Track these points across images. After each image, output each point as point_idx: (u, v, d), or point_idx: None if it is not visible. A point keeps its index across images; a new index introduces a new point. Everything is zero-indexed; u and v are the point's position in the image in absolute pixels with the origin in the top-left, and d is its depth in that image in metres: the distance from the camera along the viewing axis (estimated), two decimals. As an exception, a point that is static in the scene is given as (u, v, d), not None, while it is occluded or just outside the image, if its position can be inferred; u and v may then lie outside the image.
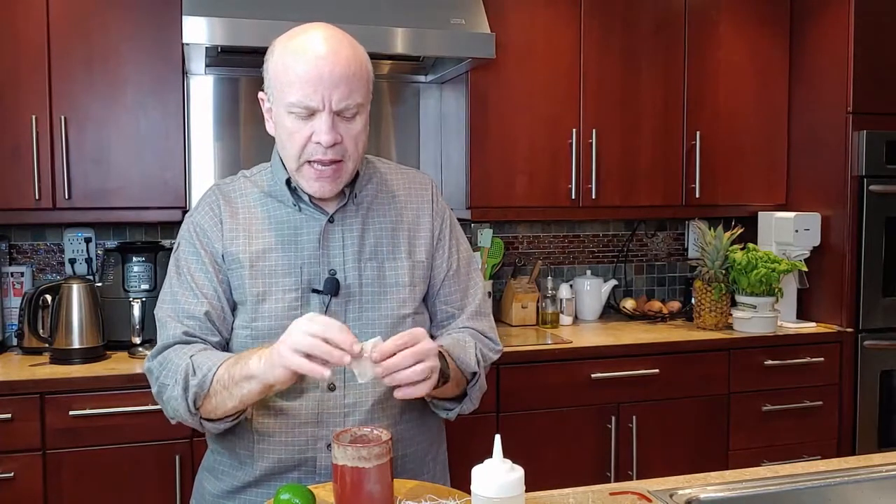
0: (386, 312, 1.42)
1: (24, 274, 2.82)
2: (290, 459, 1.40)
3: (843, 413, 3.05)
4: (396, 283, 1.43)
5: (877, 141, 3.00)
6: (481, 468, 1.07)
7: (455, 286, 1.51)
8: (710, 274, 3.02)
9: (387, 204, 1.47)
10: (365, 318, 1.41)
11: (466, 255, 1.55)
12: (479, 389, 1.46)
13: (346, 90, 1.31)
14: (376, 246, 1.44)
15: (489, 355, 1.50)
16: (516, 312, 3.15)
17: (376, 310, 1.42)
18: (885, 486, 1.48)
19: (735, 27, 3.19)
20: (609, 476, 2.78)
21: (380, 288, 1.42)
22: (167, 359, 1.38)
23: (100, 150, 2.60)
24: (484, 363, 1.47)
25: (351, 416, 1.39)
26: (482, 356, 1.47)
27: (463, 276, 1.52)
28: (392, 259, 1.44)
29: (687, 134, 3.16)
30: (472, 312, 1.51)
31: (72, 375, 2.35)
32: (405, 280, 1.44)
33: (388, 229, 1.45)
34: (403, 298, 1.43)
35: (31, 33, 2.52)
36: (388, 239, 1.45)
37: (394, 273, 1.44)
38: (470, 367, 1.41)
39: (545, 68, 2.98)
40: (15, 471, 2.28)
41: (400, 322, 1.42)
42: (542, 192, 3.01)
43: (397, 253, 1.45)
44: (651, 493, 1.36)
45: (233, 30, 2.43)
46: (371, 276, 1.42)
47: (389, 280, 1.43)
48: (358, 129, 1.35)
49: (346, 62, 1.31)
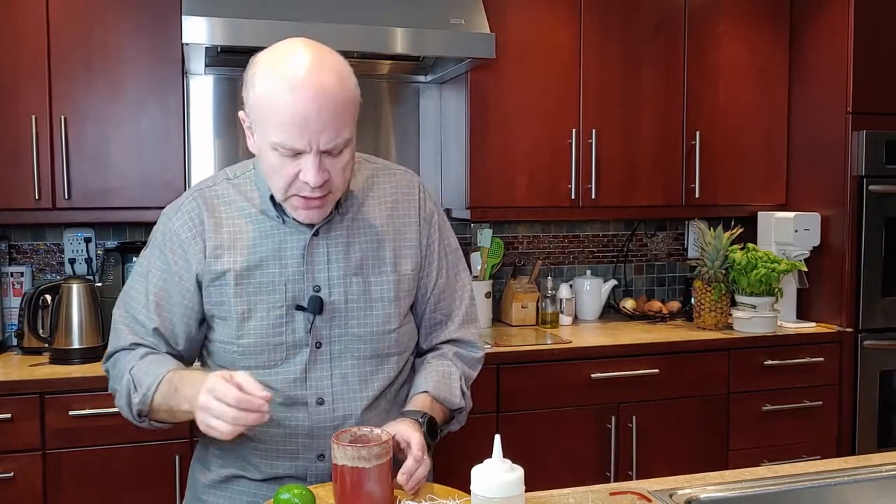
0: (371, 329, 1.39)
1: (23, 274, 2.82)
2: (283, 467, 1.39)
3: (842, 413, 3.05)
4: (382, 299, 1.40)
5: (876, 141, 3.00)
6: (481, 468, 1.07)
7: (446, 293, 1.49)
8: (710, 274, 3.02)
9: (373, 212, 1.42)
10: (350, 335, 1.39)
11: (454, 257, 1.51)
12: (465, 413, 1.51)
13: (334, 131, 1.25)
14: (362, 260, 1.39)
15: (472, 375, 1.51)
16: (516, 312, 3.15)
17: (362, 326, 1.39)
18: (885, 486, 1.48)
19: (735, 27, 3.19)
20: (609, 476, 2.78)
21: (365, 304, 1.39)
22: (115, 365, 1.42)
23: (100, 149, 2.60)
24: (468, 385, 1.49)
25: (342, 428, 1.36)
26: (466, 383, 1.48)
27: (451, 282, 1.49)
28: (378, 273, 1.40)
29: (687, 134, 3.16)
30: (461, 322, 1.50)
31: (71, 375, 2.35)
32: (391, 295, 1.40)
33: (374, 241, 1.41)
34: (389, 314, 1.40)
35: (31, 33, 2.52)
36: (373, 252, 1.40)
37: (379, 288, 1.40)
38: (454, 406, 1.45)
39: (545, 68, 2.98)
40: (15, 471, 2.28)
41: (384, 337, 1.40)
42: (541, 192, 3.01)
43: (383, 266, 1.41)
44: (651, 493, 1.36)
45: (232, 30, 2.43)
46: (356, 292, 1.38)
47: (375, 295, 1.39)
48: (345, 161, 1.30)
49: (333, 102, 1.25)
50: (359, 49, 2.58)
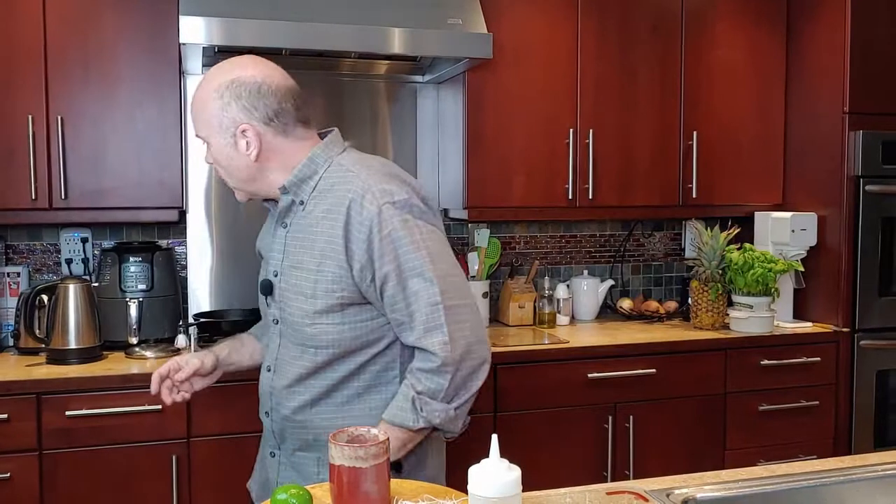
0: (295, 320, 1.54)
1: (20, 274, 2.81)
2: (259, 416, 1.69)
3: (839, 413, 3.05)
4: (304, 293, 1.52)
5: (873, 141, 3.01)
6: (478, 468, 1.07)
7: (397, 296, 1.47)
8: (707, 274, 3.02)
9: (318, 215, 1.52)
10: (285, 323, 1.58)
11: (397, 263, 1.47)
12: (446, 421, 1.48)
13: (196, 125, 1.58)
14: (300, 255, 1.53)
15: (436, 388, 1.46)
16: (513, 312, 3.16)
17: (291, 316, 1.55)
18: (881, 485, 1.48)
19: (732, 27, 3.20)
20: (606, 476, 2.79)
21: (294, 294, 1.54)
22: None
23: (96, 150, 2.59)
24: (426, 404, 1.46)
25: (274, 394, 1.61)
26: (420, 401, 1.46)
27: (398, 290, 1.47)
28: (306, 270, 1.52)
29: (684, 134, 3.16)
30: (423, 331, 1.46)
31: (68, 376, 2.35)
32: (308, 292, 1.51)
33: (311, 240, 1.52)
34: (306, 309, 1.51)
35: (28, 33, 2.51)
36: (308, 250, 1.52)
37: (304, 283, 1.52)
38: (409, 426, 1.46)
39: (542, 68, 2.98)
40: (11, 471, 2.28)
41: (303, 328, 1.53)
42: (539, 193, 3.01)
43: (309, 265, 1.51)
44: (648, 492, 1.36)
45: (230, 30, 2.43)
46: (292, 283, 1.54)
47: (298, 289, 1.53)
48: (215, 155, 1.57)
49: (194, 102, 1.57)
50: (356, 49, 2.58)
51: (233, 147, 1.53)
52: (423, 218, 1.50)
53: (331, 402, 1.54)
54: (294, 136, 1.56)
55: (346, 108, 3.14)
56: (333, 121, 3.11)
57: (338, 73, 3.08)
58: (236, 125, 1.52)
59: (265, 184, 1.58)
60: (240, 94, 1.52)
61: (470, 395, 1.49)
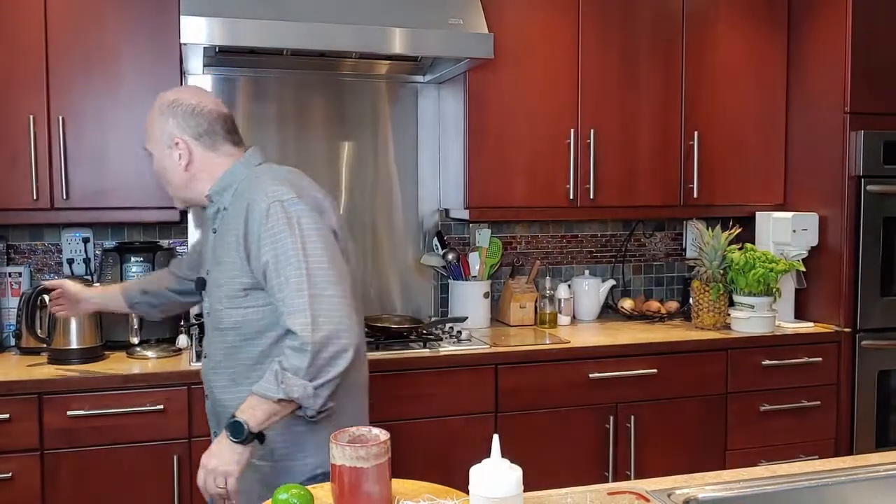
0: (214, 308, 1.79)
1: (21, 274, 2.81)
2: None
3: (840, 413, 3.05)
4: (218, 284, 1.77)
5: (874, 141, 3.00)
6: (479, 468, 1.07)
7: (273, 282, 1.66)
8: (708, 274, 3.02)
9: (234, 214, 1.74)
10: (210, 313, 1.82)
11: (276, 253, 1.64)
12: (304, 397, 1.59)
13: (146, 139, 1.86)
14: (221, 253, 1.76)
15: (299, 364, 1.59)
16: (514, 312, 3.16)
17: (212, 306, 1.80)
18: (883, 485, 1.48)
19: (733, 27, 3.19)
20: (607, 476, 2.79)
21: (214, 288, 1.79)
22: None
23: (98, 150, 2.60)
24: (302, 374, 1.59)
25: (207, 377, 1.84)
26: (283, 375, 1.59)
27: (272, 275, 1.65)
28: (222, 263, 1.75)
29: (685, 134, 3.16)
30: (289, 313, 1.62)
31: (70, 376, 2.35)
32: (219, 281, 1.77)
33: (227, 238, 1.74)
34: (219, 296, 1.77)
35: (29, 33, 2.52)
36: (226, 246, 1.74)
37: (217, 276, 1.78)
38: (270, 397, 1.60)
39: (543, 68, 2.98)
40: (13, 471, 2.28)
41: (217, 313, 1.77)
42: (540, 193, 3.01)
43: (224, 259, 1.74)
44: (649, 492, 1.36)
45: (231, 30, 2.43)
46: (212, 278, 1.80)
47: (217, 282, 1.78)
48: (156, 165, 1.85)
49: (146, 119, 1.86)
50: (357, 49, 2.58)
51: (168, 157, 1.81)
52: (307, 216, 1.67)
53: (248, 382, 1.67)
54: (221, 152, 1.82)
55: (347, 109, 3.14)
56: (334, 121, 3.12)
57: (339, 73, 3.08)
58: (172, 138, 1.80)
59: (195, 192, 1.84)
60: (176, 112, 1.81)
61: (331, 377, 1.60)
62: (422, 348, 2.68)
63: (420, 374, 2.60)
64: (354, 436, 1.25)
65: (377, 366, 2.56)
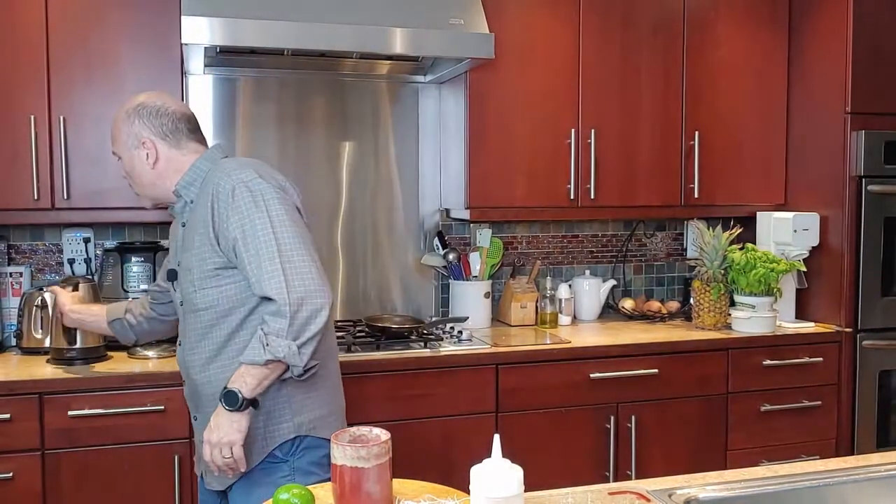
0: (187, 293, 1.84)
1: (22, 274, 2.82)
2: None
3: (841, 413, 3.05)
4: (188, 268, 1.83)
5: (875, 141, 3.00)
6: (480, 468, 1.07)
7: (243, 254, 1.73)
8: (709, 274, 3.02)
9: (197, 207, 1.84)
10: (184, 300, 1.87)
11: (243, 228, 1.73)
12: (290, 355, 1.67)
13: (112, 143, 1.95)
14: (190, 241, 1.83)
15: (278, 327, 1.67)
16: (515, 312, 3.16)
17: (185, 291, 1.85)
18: (884, 485, 1.48)
19: (734, 27, 3.19)
20: (608, 476, 2.79)
21: (185, 273, 1.85)
22: None
23: (98, 150, 2.60)
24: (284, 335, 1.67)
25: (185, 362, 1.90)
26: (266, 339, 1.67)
27: (246, 245, 1.73)
28: (191, 250, 1.82)
29: (686, 134, 3.16)
30: (264, 281, 1.70)
31: (70, 376, 2.35)
32: (188, 265, 1.83)
33: (192, 227, 1.84)
34: (191, 279, 1.83)
35: (30, 33, 2.52)
36: (189, 235, 1.83)
37: (190, 261, 1.82)
38: (257, 361, 1.67)
39: (544, 68, 2.98)
40: (14, 471, 2.28)
41: (191, 295, 1.82)
42: (540, 193, 3.01)
43: (194, 245, 1.81)
44: (650, 492, 1.36)
45: (231, 30, 2.43)
46: (183, 267, 1.86)
47: (188, 267, 1.83)
48: (126, 167, 1.93)
49: (112, 124, 1.94)
50: (358, 49, 2.58)
51: (136, 157, 1.89)
52: (270, 192, 1.76)
53: (224, 357, 1.80)
54: (186, 150, 1.90)
55: (347, 109, 3.14)
56: (335, 121, 3.12)
57: (340, 73, 3.08)
58: (139, 139, 1.88)
59: (163, 189, 1.91)
60: (141, 114, 1.89)
61: (312, 334, 1.69)
62: (422, 348, 2.69)
63: (421, 374, 2.61)
64: (355, 436, 1.25)
65: (378, 366, 2.56)
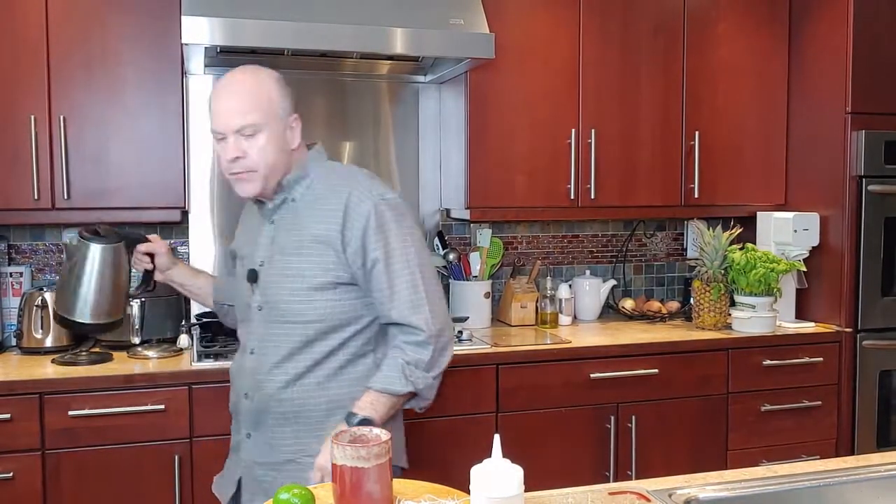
0: (283, 300, 1.70)
1: (23, 274, 2.82)
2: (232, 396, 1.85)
3: (841, 413, 3.05)
4: (291, 276, 1.69)
5: (875, 141, 3.00)
6: (480, 468, 1.07)
7: (382, 277, 1.67)
8: (709, 274, 3.02)
9: (314, 207, 1.71)
10: (270, 306, 1.72)
11: (386, 251, 1.67)
12: (427, 388, 1.68)
13: (241, 116, 1.64)
14: (289, 244, 1.71)
15: (421, 357, 1.67)
16: (515, 312, 3.16)
17: (278, 298, 1.71)
18: (884, 485, 1.48)
19: (734, 27, 3.19)
20: (608, 476, 2.79)
21: (282, 278, 1.71)
22: None
23: (99, 150, 2.60)
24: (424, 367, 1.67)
25: (258, 374, 1.73)
26: (417, 366, 1.66)
27: (388, 269, 1.67)
28: (296, 255, 1.69)
29: (686, 134, 3.16)
30: (408, 309, 1.67)
31: (71, 376, 2.35)
32: (300, 273, 1.69)
33: (301, 230, 1.70)
34: (295, 289, 1.69)
35: (30, 33, 2.52)
36: (298, 237, 1.70)
37: (293, 266, 1.70)
38: (396, 392, 1.65)
39: (544, 68, 2.98)
40: (14, 471, 2.28)
41: (289, 309, 1.70)
42: (541, 193, 3.01)
43: (301, 251, 1.69)
44: (650, 492, 1.36)
45: (232, 30, 2.43)
46: (277, 269, 1.71)
47: (287, 273, 1.70)
48: (261, 145, 1.66)
49: (240, 93, 1.66)
50: (358, 49, 2.58)
51: (284, 135, 1.69)
52: (408, 214, 1.73)
53: (313, 377, 1.70)
54: (300, 141, 1.75)
55: (348, 109, 3.14)
56: (336, 121, 3.12)
57: (340, 73, 3.08)
58: (290, 115, 1.71)
59: (280, 175, 1.72)
60: (286, 88, 1.71)
61: (444, 366, 1.70)
62: (423, 348, 2.68)
63: (421, 374, 2.60)
64: (355, 436, 1.25)
65: (378, 366, 2.56)
